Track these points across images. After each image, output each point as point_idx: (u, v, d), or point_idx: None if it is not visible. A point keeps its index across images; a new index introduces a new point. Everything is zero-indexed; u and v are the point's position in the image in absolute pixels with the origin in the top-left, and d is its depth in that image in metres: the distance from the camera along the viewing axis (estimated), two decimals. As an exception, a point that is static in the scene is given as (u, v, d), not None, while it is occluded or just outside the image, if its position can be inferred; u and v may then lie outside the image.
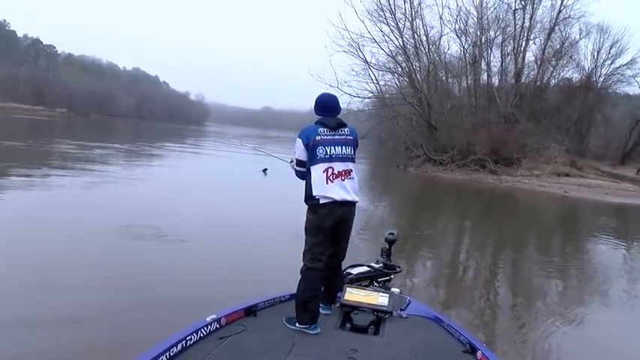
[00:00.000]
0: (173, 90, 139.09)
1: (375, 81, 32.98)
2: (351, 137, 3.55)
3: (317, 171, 3.41)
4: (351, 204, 3.50)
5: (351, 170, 3.51)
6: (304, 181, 3.53)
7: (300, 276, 3.44)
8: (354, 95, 31.63)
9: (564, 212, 19.29)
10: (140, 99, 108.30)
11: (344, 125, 3.56)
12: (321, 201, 3.39)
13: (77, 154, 20.28)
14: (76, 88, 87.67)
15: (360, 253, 6.71)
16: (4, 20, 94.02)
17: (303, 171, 3.54)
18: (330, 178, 3.41)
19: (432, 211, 16.24)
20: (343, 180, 3.45)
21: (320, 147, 3.42)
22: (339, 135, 3.50)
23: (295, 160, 3.56)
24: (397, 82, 34.55)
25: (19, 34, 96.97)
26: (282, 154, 5.45)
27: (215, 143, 40.89)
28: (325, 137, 3.45)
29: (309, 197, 3.44)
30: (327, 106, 3.60)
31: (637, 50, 47.79)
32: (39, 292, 5.00)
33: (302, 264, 3.46)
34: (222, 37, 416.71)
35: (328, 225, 3.42)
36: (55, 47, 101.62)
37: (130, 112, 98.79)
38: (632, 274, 9.05)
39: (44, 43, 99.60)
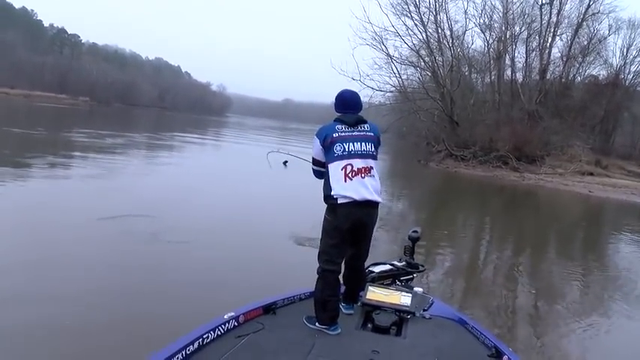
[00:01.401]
0: (195, 80, 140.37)
1: (397, 75, 32.80)
2: (372, 133, 3.37)
3: (335, 168, 3.25)
4: (373, 204, 3.30)
5: (372, 167, 3.31)
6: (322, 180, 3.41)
7: (317, 275, 3.33)
8: (376, 89, 31.43)
9: (589, 212, 18.89)
10: (162, 89, 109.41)
11: (364, 121, 3.39)
12: (340, 200, 3.20)
13: (88, 142, 20.24)
14: (99, 77, 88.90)
15: (379, 250, 6.63)
16: (32, 10, 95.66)
17: (321, 170, 3.41)
18: (349, 175, 3.22)
19: (453, 207, 16.05)
20: (363, 177, 3.25)
21: (338, 144, 3.26)
22: (358, 131, 3.33)
23: (312, 159, 3.45)
24: (420, 77, 34.26)
25: (45, 24, 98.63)
26: (303, 146, 5.34)
27: (237, 136, 40.96)
28: (343, 134, 3.29)
29: (327, 196, 3.28)
30: (347, 102, 3.45)
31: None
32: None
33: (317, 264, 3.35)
34: (245, 29, 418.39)
35: (347, 227, 3.24)
36: (79, 37, 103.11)
37: (152, 102, 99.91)
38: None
39: (69, 33, 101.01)
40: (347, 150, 3.26)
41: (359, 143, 3.29)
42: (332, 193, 3.22)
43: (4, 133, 19.86)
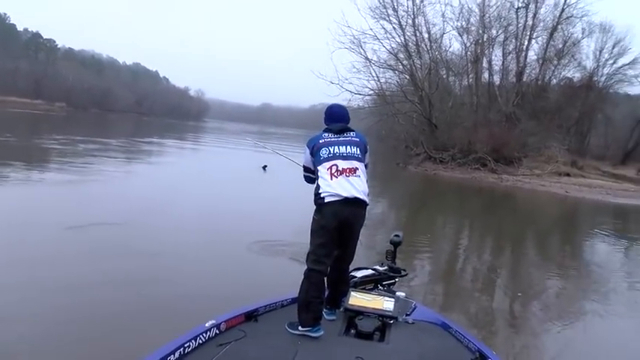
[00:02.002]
0: (173, 85, 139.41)
1: (375, 78, 32.94)
2: (357, 139, 3.54)
3: (322, 170, 3.41)
4: (359, 203, 3.38)
5: (357, 168, 3.43)
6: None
7: (302, 277, 3.33)
8: (354, 92, 31.52)
9: (566, 212, 19.17)
10: (140, 94, 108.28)
11: (350, 130, 3.58)
12: (327, 199, 3.30)
13: (58, 148, 19.68)
14: (76, 83, 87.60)
15: (357, 253, 6.49)
16: (4, 14, 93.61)
17: (310, 176, 3.64)
18: (335, 174, 3.36)
19: (432, 209, 16.11)
20: (348, 176, 3.37)
21: (324, 148, 3.45)
22: (343, 137, 3.52)
23: (303, 167, 3.68)
24: (398, 80, 34.46)
25: (19, 28, 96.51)
26: (286, 151, 5.29)
27: (217, 139, 40.66)
28: (328, 140, 3.49)
29: (316, 195, 3.39)
30: (334, 115, 3.66)
31: None
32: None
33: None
34: (223, 34, 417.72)
35: (333, 225, 3.30)
36: (55, 41, 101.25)
37: (129, 107, 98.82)
38: (633, 276, 8.86)
39: (44, 37, 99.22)
40: (332, 152, 3.44)
41: (343, 146, 3.47)
42: (319, 191, 3.35)
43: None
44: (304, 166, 3.65)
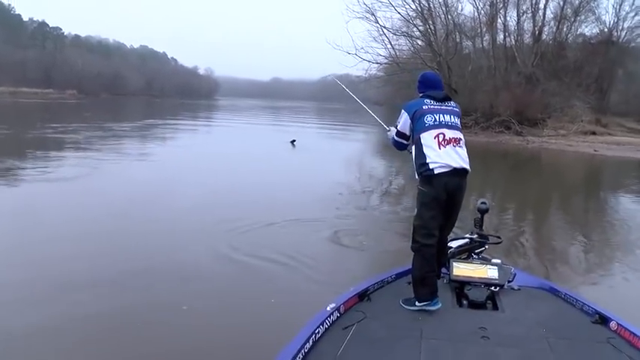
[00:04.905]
0: (182, 65, 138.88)
1: (390, 46, 32.48)
2: (457, 110, 3.51)
3: (428, 137, 3.33)
4: (466, 173, 3.38)
5: (461, 139, 3.42)
6: (402, 152, 3.68)
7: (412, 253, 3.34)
8: (372, 62, 31.19)
9: (599, 171, 18.94)
10: (149, 76, 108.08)
11: (450, 99, 3.54)
12: (437, 171, 3.26)
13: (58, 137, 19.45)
14: (85, 70, 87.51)
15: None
16: (9, 4, 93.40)
17: (402, 142, 3.60)
18: (442, 143, 3.31)
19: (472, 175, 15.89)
20: (454, 147, 3.34)
21: (428, 115, 3.37)
22: (445, 106, 3.46)
23: (396, 131, 3.59)
24: (412, 47, 33.94)
25: (25, 18, 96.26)
26: (301, 123, 5.13)
27: (237, 116, 40.50)
28: (432, 107, 3.42)
29: (422, 166, 3.31)
30: (431, 82, 3.61)
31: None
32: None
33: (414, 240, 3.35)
34: (229, 9, 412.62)
35: (445, 197, 3.29)
36: (61, 29, 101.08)
37: (140, 90, 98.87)
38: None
39: (50, 26, 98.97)
40: (438, 120, 3.37)
41: (448, 115, 3.43)
42: (427, 161, 3.28)
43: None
44: (398, 131, 3.57)
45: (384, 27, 31.41)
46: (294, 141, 18.06)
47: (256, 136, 25.00)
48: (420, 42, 32.97)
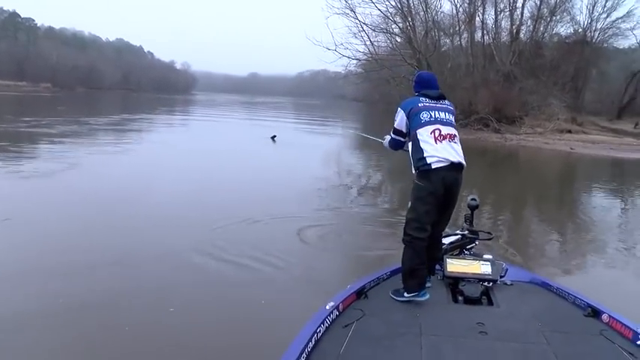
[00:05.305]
0: (158, 60, 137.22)
1: (370, 43, 32.53)
2: (452, 108, 3.59)
3: (424, 133, 3.39)
4: (462, 168, 3.43)
5: (456, 135, 3.47)
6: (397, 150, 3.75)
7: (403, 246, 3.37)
8: (352, 58, 31.23)
9: (576, 169, 19.23)
10: (126, 70, 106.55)
11: (444, 97, 3.62)
12: (434, 165, 3.30)
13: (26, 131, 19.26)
14: (60, 62, 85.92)
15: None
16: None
17: (399, 140, 3.66)
18: (439, 138, 3.36)
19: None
20: (450, 142, 3.39)
21: (424, 112, 3.44)
22: (440, 104, 3.54)
23: (393, 129, 3.65)
24: (392, 44, 34.04)
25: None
26: (280, 118, 5.06)
27: (215, 111, 40.16)
28: (428, 104, 3.49)
29: (420, 161, 3.35)
30: (427, 82, 3.68)
31: (633, 2, 47.52)
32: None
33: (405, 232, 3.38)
34: (207, 4, 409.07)
35: (441, 192, 3.32)
36: (34, 20, 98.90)
37: (116, 84, 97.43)
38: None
39: (22, 17, 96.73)
40: (433, 117, 3.44)
41: (443, 113, 3.48)
42: (424, 155, 3.33)
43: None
44: (396, 129, 3.61)
45: (364, 23, 31.37)
46: (274, 136, 18.03)
47: (236, 131, 24.84)
48: (399, 39, 33.08)
